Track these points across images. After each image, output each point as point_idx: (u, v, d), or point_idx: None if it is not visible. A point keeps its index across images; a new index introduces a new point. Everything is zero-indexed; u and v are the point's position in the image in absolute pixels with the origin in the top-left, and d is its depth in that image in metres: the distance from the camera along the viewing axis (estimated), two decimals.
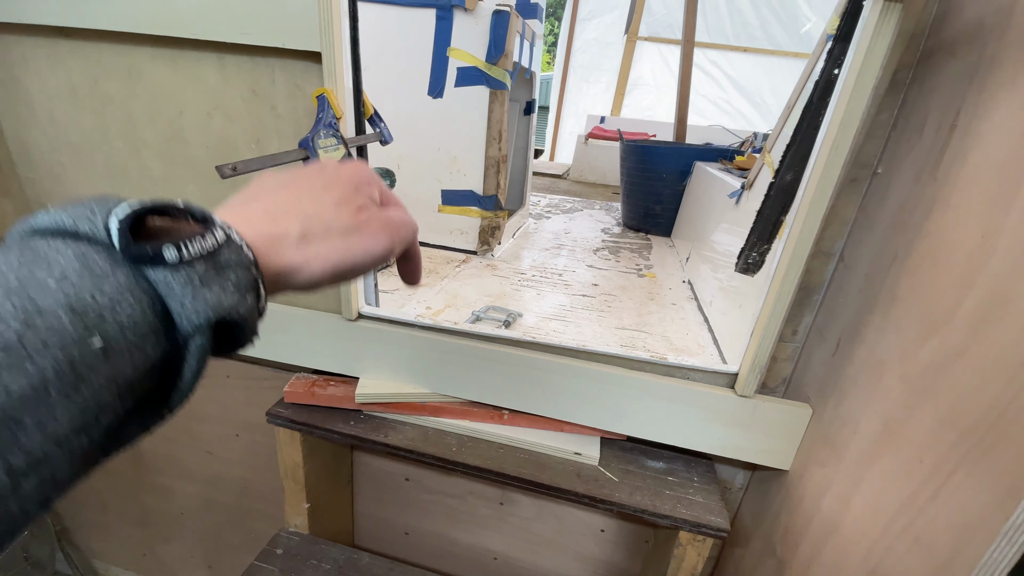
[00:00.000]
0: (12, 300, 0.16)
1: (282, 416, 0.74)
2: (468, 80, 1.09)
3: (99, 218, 0.19)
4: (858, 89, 0.46)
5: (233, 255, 0.21)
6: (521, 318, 0.96)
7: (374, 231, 0.27)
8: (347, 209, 0.27)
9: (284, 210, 0.25)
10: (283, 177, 0.28)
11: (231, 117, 0.68)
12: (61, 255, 0.18)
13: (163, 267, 0.19)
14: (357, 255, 0.26)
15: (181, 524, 1.24)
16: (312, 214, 0.26)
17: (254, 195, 0.26)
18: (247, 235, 0.23)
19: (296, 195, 0.26)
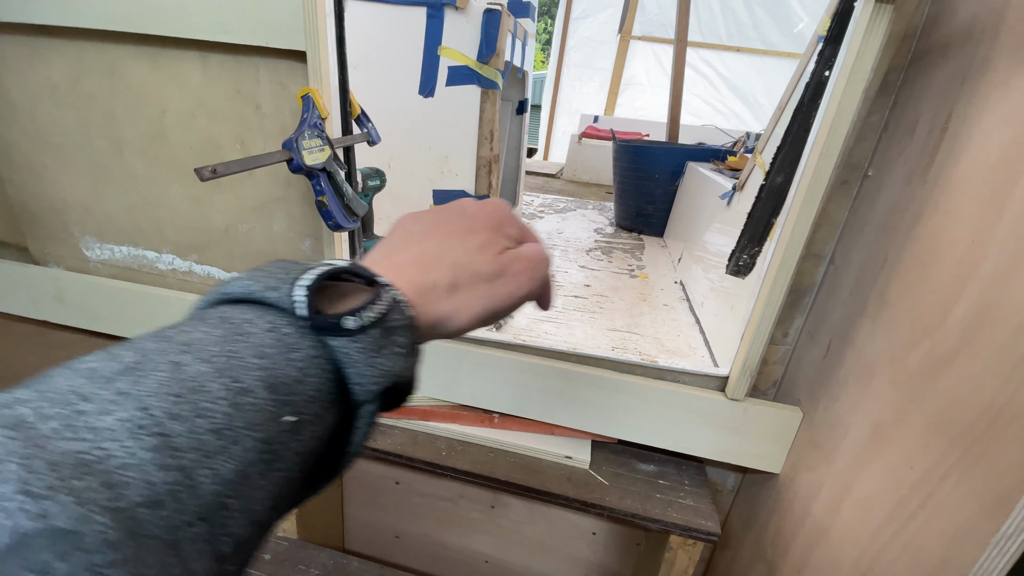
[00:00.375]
0: (221, 381, 0.16)
1: None
2: (459, 79, 1.08)
3: (284, 287, 0.20)
4: (849, 91, 0.46)
5: (398, 316, 0.22)
6: (512, 320, 0.96)
7: (517, 275, 0.27)
8: (490, 252, 0.27)
9: (433, 258, 0.26)
10: (426, 221, 0.28)
11: (215, 116, 0.67)
12: (256, 327, 0.19)
13: (343, 336, 0.20)
14: (502, 301, 0.27)
15: None
16: (460, 262, 0.26)
17: (402, 242, 0.27)
18: (402, 288, 0.23)
19: (442, 241, 0.26)
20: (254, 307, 0.20)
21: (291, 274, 0.21)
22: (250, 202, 0.69)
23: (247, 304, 0.20)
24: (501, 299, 0.26)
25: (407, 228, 0.28)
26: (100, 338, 0.92)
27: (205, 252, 0.75)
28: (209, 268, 0.75)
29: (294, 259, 0.23)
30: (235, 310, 0.19)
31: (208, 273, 0.76)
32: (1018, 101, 0.36)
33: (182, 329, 0.18)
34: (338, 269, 0.22)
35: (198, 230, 0.74)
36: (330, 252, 0.64)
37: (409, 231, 0.27)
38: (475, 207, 0.29)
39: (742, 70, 3.76)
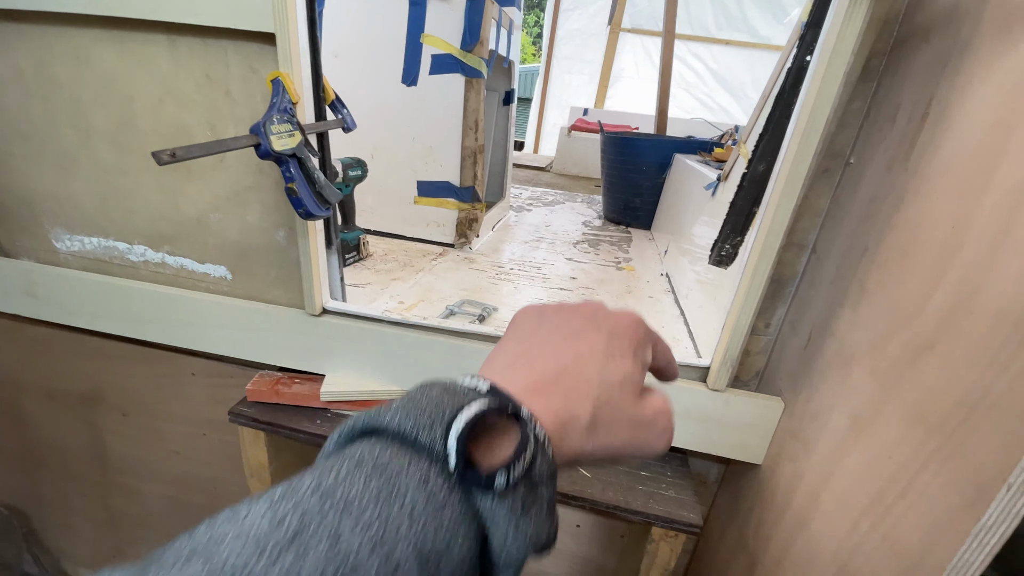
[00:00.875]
0: (376, 556, 0.16)
1: (245, 415, 0.71)
2: (443, 68, 1.06)
3: (438, 430, 0.20)
4: (829, 76, 0.45)
5: (544, 465, 0.21)
6: (496, 312, 0.94)
7: (660, 433, 0.26)
8: (633, 390, 0.26)
9: (574, 384, 0.24)
10: (553, 326, 0.27)
11: (184, 103, 0.65)
12: (410, 478, 0.19)
13: (491, 494, 0.19)
14: (639, 450, 0.25)
15: (149, 525, 1.21)
16: (603, 397, 0.24)
17: (534, 350, 0.26)
18: (544, 421, 0.22)
19: (580, 361, 0.25)
20: (406, 449, 0.20)
21: (445, 412, 0.20)
22: (221, 191, 0.67)
23: (399, 443, 0.20)
24: (640, 448, 0.25)
25: (533, 329, 0.27)
26: (75, 332, 0.89)
27: (177, 243, 0.73)
28: (182, 260, 0.73)
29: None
30: (390, 453, 0.19)
31: (181, 265, 0.74)
32: (1001, 84, 0.35)
33: (341, 477, 0.18)
34: (491, 410, 0.21)
35: (169, 220, 0.72)
36: (304, 242, 0.63)
37: (538, 335, 0.26)
38: (612, 321, 0.27)
39: (731, 63, 3.76)
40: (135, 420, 1.04)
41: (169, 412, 0.99)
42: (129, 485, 1.15)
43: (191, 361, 0.90)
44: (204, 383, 0.92)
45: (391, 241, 1.21)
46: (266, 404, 0.72)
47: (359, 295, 0.91)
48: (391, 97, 1.11)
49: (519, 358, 0.26)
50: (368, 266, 1.05)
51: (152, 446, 1.06)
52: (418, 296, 0.94)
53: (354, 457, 0.19)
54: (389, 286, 0.97)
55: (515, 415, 0.22)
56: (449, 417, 0.20)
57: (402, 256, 1.13)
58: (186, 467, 1.05)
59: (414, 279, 1.01)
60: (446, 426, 0.20)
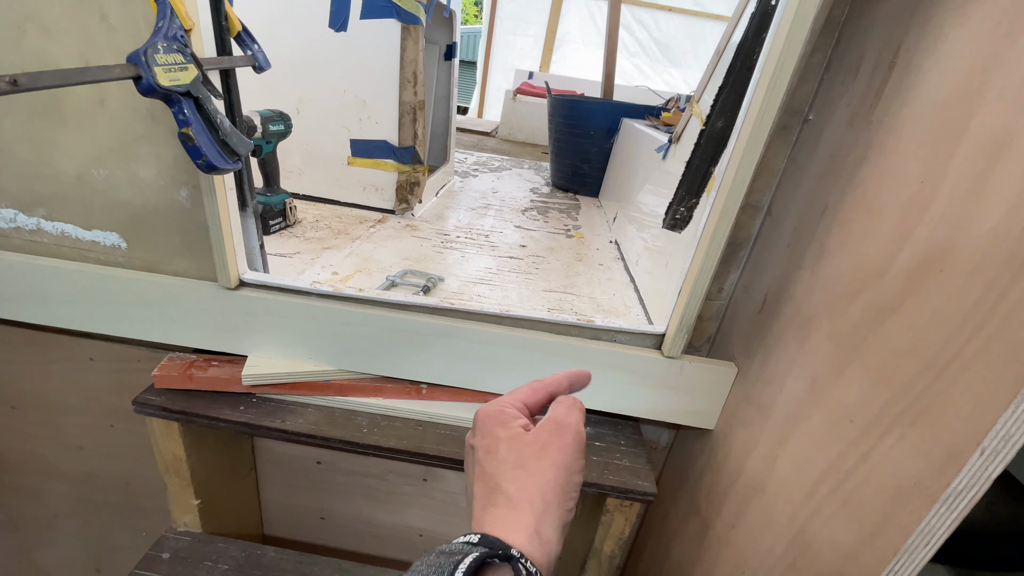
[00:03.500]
0: None
1: (153, 404, 0.62)
2: (375, 12, 0.95)
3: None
4: (798, 19, 0.41)
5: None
6: (443, 283, 0.88)
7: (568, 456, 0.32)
8: (577, 489, 0.32)
9: (555, 518, 0.30)
10: (554, 467, 0.31)
11: (49, 30, 0.52)
12: None
13: None
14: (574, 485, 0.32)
15: (56, 527, 1.08)
16: (570, 513, 0.31)
17: (522, 497, 0.30)
18: (531, 554, 0.27)
19: (560, 495, 0.31)
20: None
21: (444, 570, 0.24)
22: (105, 142, 0.55)
23: None
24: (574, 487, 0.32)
25: (491, 472, 0.31)
26: None
27: (55, 206, 0.61)
28: (62, 226, 0.62)
29: None
30: None
31: (62, 232, 0.62)
32: (977, 28, 0.33)
33: None
34: (480, 557, 0.25)
35: (43, 178, 0.60)
36: (211, 203, 0.53)
37: (497, 478, 0.31)
38: (571, 440, 0.33)
39: (673, 31, 3.77)
40: (26, 413, 0.90)
41: (67, 403, 0.87)
42: (28, 485, 1.02)
43: (88, 344, 0.78)
44: (106, 369, 0.80)
45: (323, 206, 1.11)
46: (178, 391, 0.63)
47: (286, 266, 0.82)
48: (317, 43, 0.99)
49: (489, 504, 0.30)
50: (297, 234, 0.95)
51: (50, 441, 0.93)
52: (354, 266, 0.86)
53: None
54: (321, 255, 0.88)
55: (505, 558, 0.26)
56: (453, 565, 0.24)
57: (336, 223, 1.03)
58: (93, 463, 0.93)
59: (349, 248, 0.93)
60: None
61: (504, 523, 0.28)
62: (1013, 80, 0.30)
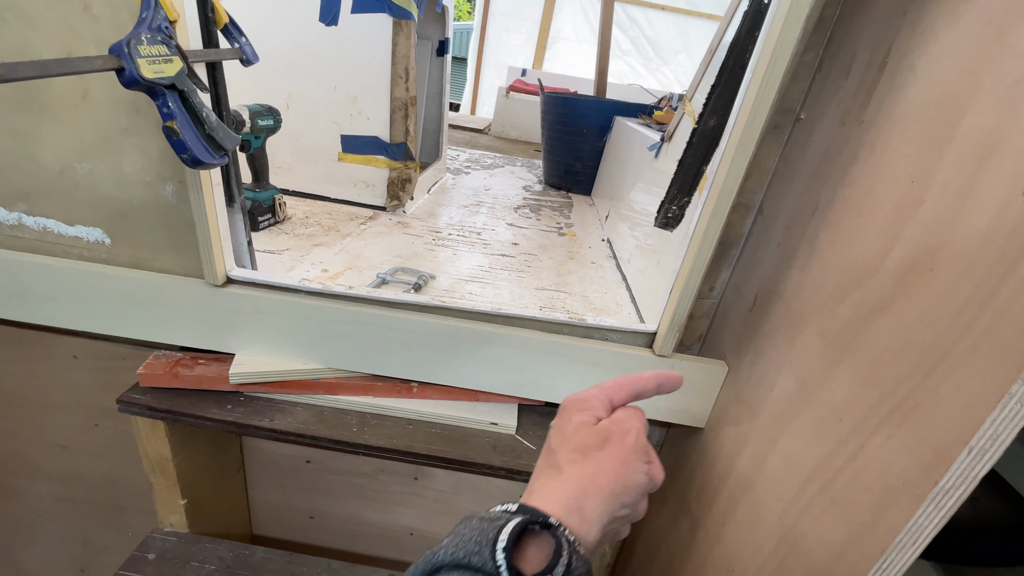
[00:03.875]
0: None
1: (138, 403, 0.61)
2: (367, 6, 0.94)
3: (486, 551, 0.24)
4: (791, 17, 0.41)
5: (580, 564, 0.25)
6: (434, 280, 0.88)
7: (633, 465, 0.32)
8: (639, 490, 0.32)
9: (603, 504, 0.30)
10: (576, 444, 0.32)
11: (30, 20, 0.51)
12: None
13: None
14: (630, 493, 0.32)
15: (39, 528, 1.06)
16: (624, 508, 0.31)
17: (573, 474, 0.30)
18: (569, 524, 0.27)
19: (613, 484, 0.30)
20: (464, 573, 0.24)
21: (488, 534, 0.24)
22: (89, 135, 0.54)
23: (458, 570, 0.24)
24: (629, 495, 0.32)
25: (553, 448, 0.33)
26: None
27: (36, 201, 0.60)
28: (44, 220, 0.60)
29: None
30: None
31: (44, 227, 0.61)
32: (968, 26, 0.33)
33: None
34: (526, 523, 0.25)
35: (24, 172, 0.58)
36: (197, 198, 0.53)
37: (556, 454, 0.32)
38: (630, 435, 0.33)
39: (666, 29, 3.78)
40: (9, 412, 0.89)
41: (50, 402, 0.85)
42: (10, 485, 1.00)
43: (71, 342, 0.77)
44: (90, 367, 0.79)
45: (313, 203, 1.10)
46: (164, 389, 0.63)
47: (275, 262, 0.81)
48: (308, 37, 0.97)
49: (542, 475, 0.31)
50: (286, 230, 0.94)
51: (33, 441, 0.91)
52: (345, 263, 0.85)
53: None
54: (311, 252, 0.87)
55: (545, 526, 0.26)
56: (492, 538, 0.24)
57: (326, 219, 1.02)
58: (78, 463, 0.92)
59: (340, 244, 0.92)
60: (491, 546, 0.24)
61: (548, 494, 0.29)
62: (1004, 80, 0.30)
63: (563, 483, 0.30)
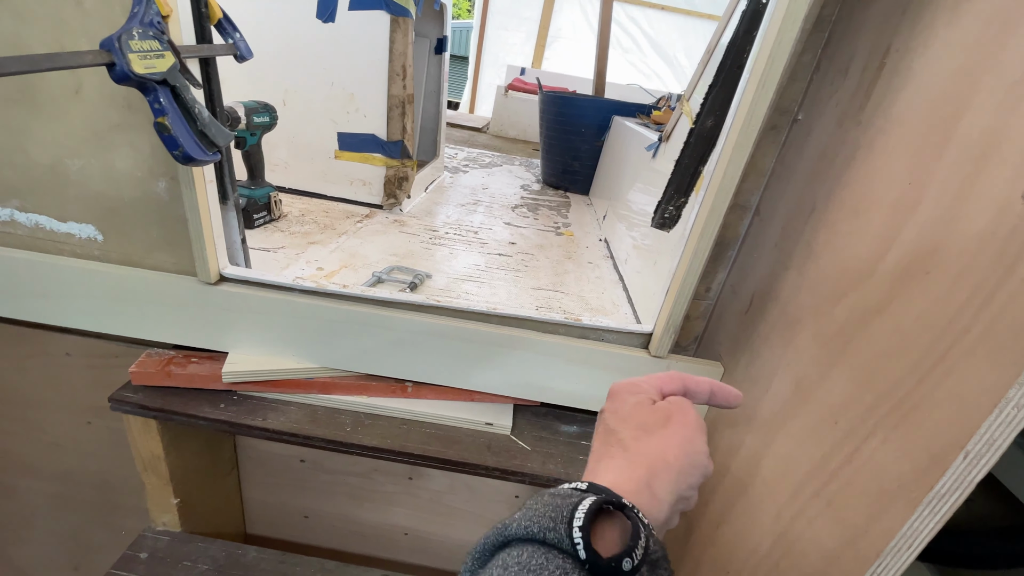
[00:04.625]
0: None
1: (130, 401, 0.60)
2: (364, 3, 0.94)
3: (561, 527, 0.23)
4: (789, 18, 0.41)
5: (657, 547, 0.24)
6: (430, 279, 0.88)
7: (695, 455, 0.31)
8: (703, 470, 0.31)
9: (671, 481, 0.29)
10: (634, 424, 0.31)
11: (22, 14, 0.51)
12: (551, 574, 0.22)
13: None
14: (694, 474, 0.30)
15: (32, 526, 1.06)
16: (690, 489, 0.30)
17: (640, 451, 0.29)
18: (641, 507, 0.26)
19: (681, 460, 0.29)
20: (538, 548, 0.23)
21: (563, 512, 0.23)
22: (80, 131, 0.54)
23: (532, 544, 0.23)
24: (694, 475, 0.30)
25: (611, 427, 0.32)
26: None
27: (28, 197, 0.59)
28: (36, 217, 0.60)
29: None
30: (526, 554, 0.22)
31: (36, 223, 0.60)
32: (968, 27, 0.33)
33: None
34: (601, 504, 0.24)
35: (15, 168, 0.58)
36: (190, 195, 0.52)
37: (619, 432, 0.31)
38: (690, 419, 0.32)
39: (665, 29, 3.77)
40: (1, 410, 0.88)
41: (42, 399, 0.84)
42: (3, 483, 0.99)
43: (63, 339, 0.76)
44: (83, 364, 0.78)
45: (309, 200, 1.09)
46: (157, 388, 0.62)
47: (270, 260, 0.80)
48: (305, 34, 0.97)
49: (605, 455, 0.31)
50: (281, 228, 0.93)
51: (25, 438, 0.91)
52: (340, 262, 0.85)
53: (499, 564, 0.22)
54: (306, 251, 0.86)
55: (619, 506, 0.25)
56: (568, 515, 0.23)
57: (322, 217, 1.02)
58: (70, 461, 0.91)
59: (335, 243, 0.92)
60: (567, 523, 0.23)
61: (616, 473, 0.28)
62: (1002, 81, 0.29)
63: (630, 460, 0.29)
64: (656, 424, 0.31)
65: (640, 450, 0.29)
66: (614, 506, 0.25)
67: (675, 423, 0.31)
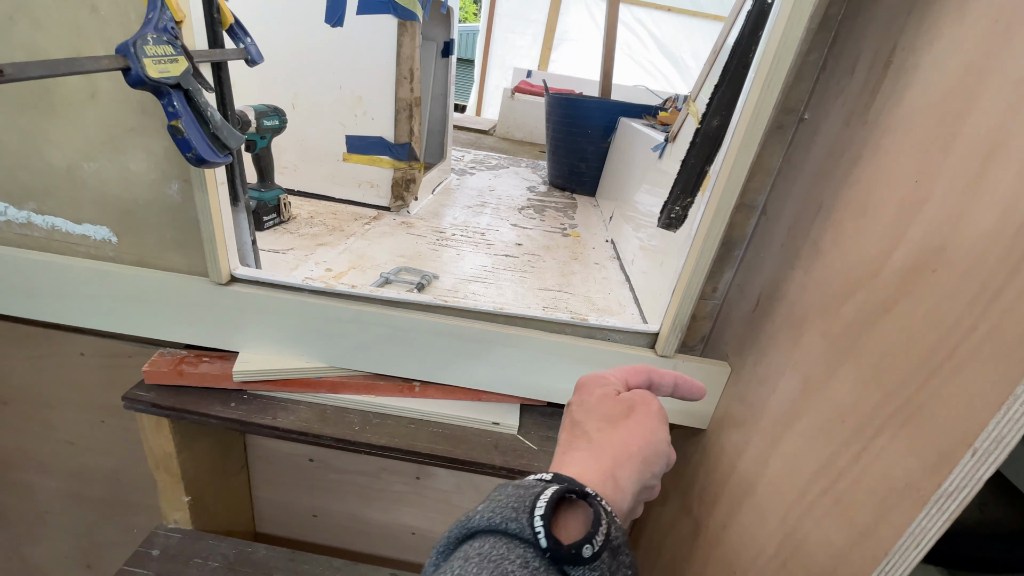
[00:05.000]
0: None
1: (143, 400, 0.61)
2: (372, 7, 0.95)
3: (523, 518, 0.23)
4: (794, 18, 0.41)
5: (618, 533, 0.24)
6: (437, 280, 0.88)
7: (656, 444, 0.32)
8: (666, 459, 0.33)
9: (634, 471, 0.29)
10: (598, 415, 0.32)
11: (39, 21, 0.52)
12: (512, 563, 0.22)
13: (582, 565, 0.22)
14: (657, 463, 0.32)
15: (46, 523, 1.07)
16: (653, 478, 0.31)
17: (604, 442, 0.30)
18: (604, 493, 0.27)
19: (644, 450, 0.31)
20: (500, 539, 0.23)
21: (525, 501, 0.24)
22: (96, 134, 0.55)
23: (494, 535, 0.23)
24: (656, 464, 0.32)
25: (578, 419, 0.33)
26: None
27: (45, 199, 0.60)
28: (52, 219, 0.61)
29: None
30: (488, 545, 0.23)
31: (52, 225, 0.61)
32: (973, 26, 0.33)
33: (456, 574, 0.22)
34: (563, 492, 0.25)
35: (33, 171, 0.59)
36: (202, 197, 0.53)
37: (583, 425, 0.32)
38: (650, 411, 0.33)
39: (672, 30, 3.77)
40: (17, 408, 0.90)
41: (57, 398, 0.86)
42: (19, 480, 1.01)
43: (77, 339, 0.78)
44: (96, 364, 0.80)
45: (318, 203, 1.10)
46: (169, 387, 0.63)
47: (280, 262, 0.81)
48: (313, 39, 0.98)
49: (571, 447, 0.31)
50: (291, 230, 0.94)
51: (41, 437, 0.92)
52: (348, 263, 0.86)
53: (461, 556, 0.23)
54: (315, 252, 0.87)
55: (581, 495, 0.25)
56: (529, 505, 0.23)
57: (330, 219, 1.03)
58: (83, 459, 0.93)
59: (344, 244, 0.93)
60: (529, 513, 0.23)
61: (581, 464, 0.29)
62: (1009, 79, 0.29)
63: (595, 451, 0.30)
64: (620, 415, 0.32)
65: (604, 441, 0.30)
66: (576, 495, 0.25)
67: (638, 413, 0.32)
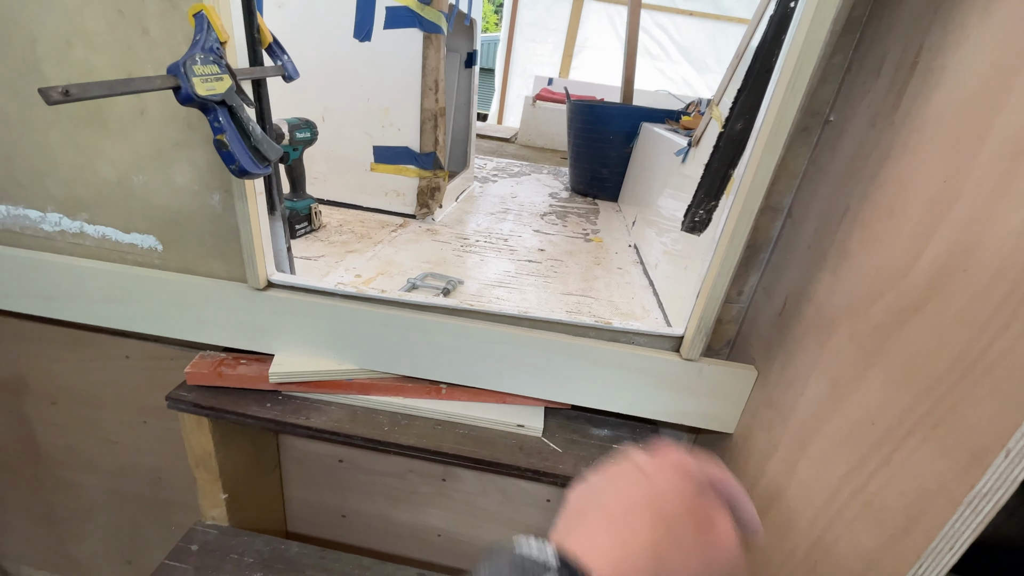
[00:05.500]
0: None
1: (185, 400, 0.65)
2: (399, 22, 0.98)
3: None
4: (816, 21, 0.41)
5: None
6: (462, 285, 0.90)
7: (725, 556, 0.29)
8: (694, 524, 0.29)
9: (634, 551, 0.26)
10: (611, 491, 0.29)
11: (95, 45, 0.56)
12: None
13: None
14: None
15: (90, 520, 1.12)
16: (663, 544, 0.27)
17: (616, 524, 0.27)
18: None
19: (660, 538, 0.27)
20: None
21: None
22: (145, 149, 0.58)
23: None
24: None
25: (595, 497, 0.30)
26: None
27: (96, 210, 0.64)
28: (103, 229, 0.65)
29: None
30: None
31: (103, 235, 0.65)
32: (1001, 23, 0.32)
33: None
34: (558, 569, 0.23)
35: (86, 184, 0.63)
36: (242, 207, 0.56)
37: (595, 498, 0.29)
38: (674, 479, 0.30)
39: (694, 35, 3.75)
40: (65, 408, 0.95)
41: (102, 399, 0.90)
42: (65, 478, 1.06)
43: (123, 343, 0.82)
44: (140, 366, 0.84)
45: (346, 211, 1.14)
46: (209, 387, 0.66)
47: (311, 268, 0.84)
48: (342, 53, 1.02)
49: (579, 522, 0.28)
50: (321, 237, 0.98)
51: (87, 436, 0.97)
52: (376, 269, 0.88)
53: None
54: (344, 259, 0.90)
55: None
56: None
57: (359, 227, 1.06)
58: (126, 458, 0.97)
59: (372, 251, 0.95)
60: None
61: (601, 552, 0.26)
62: None
63: (632, 547, 0.26)
64: (705, 526, 0.29)
65: (646, 541, 0.27)
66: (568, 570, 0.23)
67: (720, 532, 0.29)
